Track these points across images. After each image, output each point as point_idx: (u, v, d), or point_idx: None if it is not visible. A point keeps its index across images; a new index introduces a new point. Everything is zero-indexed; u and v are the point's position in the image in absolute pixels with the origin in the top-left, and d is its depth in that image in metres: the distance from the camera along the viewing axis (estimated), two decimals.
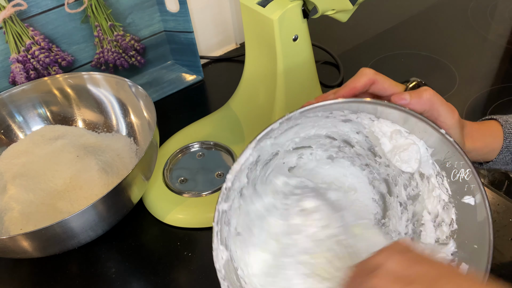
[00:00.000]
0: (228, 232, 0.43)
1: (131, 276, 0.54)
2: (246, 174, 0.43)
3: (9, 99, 0.65)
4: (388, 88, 0.41)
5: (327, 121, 0.46)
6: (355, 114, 0.43)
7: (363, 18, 0.89)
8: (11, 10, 0.64)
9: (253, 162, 0.43)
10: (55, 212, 0.57)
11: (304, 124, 0.45)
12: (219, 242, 0.39)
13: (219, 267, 0.38)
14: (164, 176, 0.62)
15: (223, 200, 0.39)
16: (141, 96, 0.61)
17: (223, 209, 0.39)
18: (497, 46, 0.84)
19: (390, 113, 0.41)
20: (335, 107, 0.41)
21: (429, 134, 0.41)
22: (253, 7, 0.57)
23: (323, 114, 0.44)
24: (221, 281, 0.38)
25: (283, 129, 0.43)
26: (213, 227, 0.38)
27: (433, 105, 0.39)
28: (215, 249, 0.39)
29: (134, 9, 0.74)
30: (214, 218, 0.38)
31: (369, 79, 0.40)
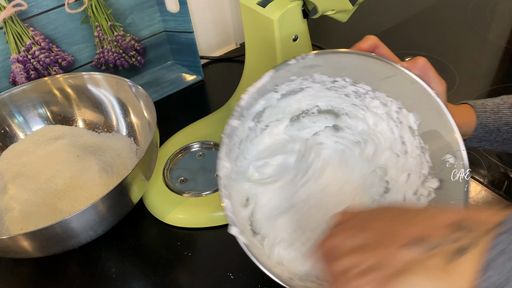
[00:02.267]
0: (239, 149, 0.47)
1: (131, 276, 0.54)
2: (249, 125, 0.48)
3: (10, 99, 0.65)
4: (388, 55, 0.46)
5: (327, 94, 0.50)
6: (355, 85, 0.47)
7: (363, 18, 0.89)
8: (11, 10, 0.64)
9: (258, 113, 0.48)
10: (55, 212, 0.57)
11: (307, 91, 0.49)
12: (225, 153, 0.43)
13: (221, 175, 0.42)
14: (164, 176, 0.62)
15: (235, 117, 0.43)
16: (141, 96, 0.61)
17: (233, 125, 0.43)
18: (497, 46, 0.84)
19: (389, 80, 0.45)
20: (344, 62, 0.45)
21: (421, 104, 0.44)
22: (253, 7, 0.57)
23: (327, 80, 0.47)
24: (221, 188, 0.41)
25: (290, 88, 0.48)
26: (222, 138, 0.43)
27: (426, 71, 0.44)
28: (220, 158, 0.42)
29: (134, 9, 0.74)
30: (224, 131, 0.43)
31: (373, 43, 0.46)
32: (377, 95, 0.47)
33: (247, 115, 0.46)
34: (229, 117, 0.43)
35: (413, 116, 0.46)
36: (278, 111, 0.50)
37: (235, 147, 0.47)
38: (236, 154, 0.48)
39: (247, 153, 0.50)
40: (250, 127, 0.49)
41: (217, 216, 0.58)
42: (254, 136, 0.50)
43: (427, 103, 0.43)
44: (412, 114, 0.46)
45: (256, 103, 0.47)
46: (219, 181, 0.42)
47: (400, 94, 0.46)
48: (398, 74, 0.44)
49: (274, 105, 0.49)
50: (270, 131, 0.52)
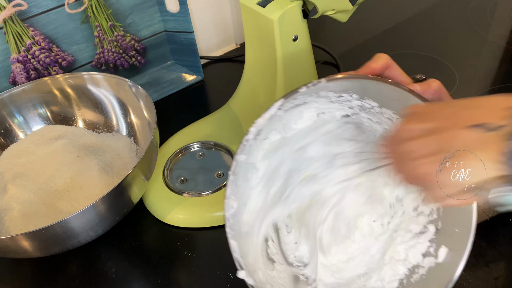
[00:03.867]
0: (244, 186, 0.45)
1: (131, 276, 0.54)
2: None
3: (10, 99, 0.65)
4: (399, 76, 0.44)
5: (330, 106, 0.47)
6: (360, 101, 0.45)
7: (363, 18, 0.89)
8: (11, 10, 0.64)
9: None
10: (55, 212, 0.57)
11: (310, 104, 0.47)
12: (232, 191, 0.41)
13: (228, 216, 0.40)
14: (164, 176, 0.62)
15: (242, 152, 0.41)
16: (141, 96, 0.61)
17: (241, 161, 0.41)
18: (497, 46, 0.84)
19: (398, 102, 0.43)
20: (354, 84, 0.43)
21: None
22: (253, 7, 0.57)
23: (332, 96, 0.45)
24: (228, 229, 0.40)
25: (293, 104, 0.45)
26: (229, 175, 0.41)
27: (440, 95, 0.43)
28: (227, 197, 0.40)
29: (134, 9, 0.74)
30: (231, 168, 0.41)
31: (386, 63, 0.44)
32: (383, 111, 0.45)
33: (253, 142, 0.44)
34: (236, 153, 0.41)
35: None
36: (278, 124, 0.48)
37: (240, 180, 0.45)
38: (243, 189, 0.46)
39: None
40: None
41: (217, 216, 0.58)
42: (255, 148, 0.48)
43: None
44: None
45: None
46: (226, 222, 0.40)
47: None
48: (410, 100, 0.41)
49: (278, 121, 0.47)
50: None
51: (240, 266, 0.39)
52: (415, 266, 0.45)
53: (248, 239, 0.45)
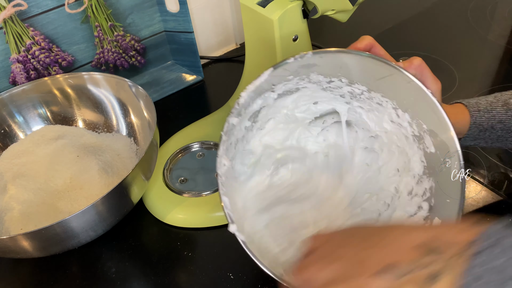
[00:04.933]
0: (235, 149, 0.47)
1: (131, 276, 0.54)
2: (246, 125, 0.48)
3: (10, 99, 0.65)
4: (384, 55, 0.47)
5: (323, 95, 0.50)
6: (350, 86, 0.47)
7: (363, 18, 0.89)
8: (11, 10, 0.64)
9: (256, 112, 0.48)
10: (55, 212, 0.57)
11: (303, 91, 0.49)
12: (224, 151, 0.43)
13: (221, 173, 0.42)
14: (164, 176, 0.62)
15: (233, 115, 0.44)
16: (141, 96, 0.61)
17: (232, 122, 0.44)
18: (497, 46, 0.84)
19: (384, 80, 0.45)
20: (341, 61, 0.45)
21: (417, 102, 0.44)
22: (253, 7, 0.57)
23: (323, 81, 0.48)
24: (220, 185, 0.41)
25: (287, 88, 0.48)
26: (221, 136, 0.43)
27: (422, 71, 0.45)
28: (219, 155, 0.42)
29: (134, 9, 0.74)
30: (223, 128, 0.43)
31: (369, 43, 0.47)
32: (372, 95, 0.47)
33: (245, 114, 0.46)
34: (228, 115, 0.43)
35: (408, 115, 0.46)
36: (274, 110, 0.50)
37: (231, 146, 0.47)
38: (232, 154, 0.48)
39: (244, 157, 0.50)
40: (247, 127, 0.49)
41: (217, 216, 0.58)
42: (251, 136, 0.50)
43: (422, 102, 0.43)
44: (407, 113, 0.46)
45: (254, 102, 0.47)
46: (219, 179, 0.42)
47: (396, 94, 0.46)
48: (394, 74, 0.44)
49: (271, 105, 0.49)
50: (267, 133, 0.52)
51: (231, 220, 0.40)
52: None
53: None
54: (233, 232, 0.40)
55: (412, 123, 0.46)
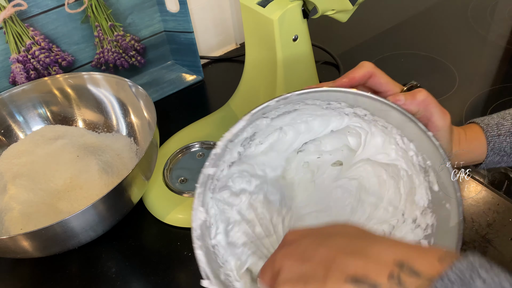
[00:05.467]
0: (212, 197, 0.45)
1: (131, 276, 0.54)
2: (238, 150, 0.45)
3: (9, 99, 0.65)
4: (385, 84, 0.42)
5: (324, 112, 0.46)
6: (352, 108, 0.44)
7: (363, 18, 0.89)
8: (11, 10, 0.64)
9: (248, 138, 0.45)
10: (55, 212, 0.57)
11: (302, 111, 0.46)
12: (199, 203, 0.41)
13: (196, 226, 0.40)
14: (164, 176, 0.62)
15: (210, 165, 0.41)
16: (141, 96, 0.61)
17: (208, 173, 0.42)
18: (497, 46, 0.84)
19: (386, 113, 0.41)
20: (333, 96, 0.42)
21: (420, 139, 0.41)
22: (253, 7, 0.57)
23: (321, 104, 0.44)
24: (195, 239, 0.40)
25: (280, 112, 0.45)
26: (196, 188, 0.41)
27: (427, 106, 0.40)
28: (194, 209, 0.41)
29: (134, 9, 0.74)
30: (198, 180, 0.41)
31: (368, 71, 0.42)
32: (376, 118, 0.44)
33: (232, 145, 0.44)
34: (203, 166, 0.41)
35: (413, 145, 0.43)
36: (271, 129, 0.47)
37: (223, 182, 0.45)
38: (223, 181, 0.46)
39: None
40: (241, 152, 0.46)
41: None
42: (250, 152, 0.48)
43: (425, 140, 0.40)
44: (412, 144, 0.43)
45: (243, 131, 0.44)
46: (193, 232, 0.40)
47: (399, 125, 0.43)
48: (393, 111, 0.40)
49: (265, 128, 0.46)
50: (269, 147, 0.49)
51: (206, 276, 0.39)
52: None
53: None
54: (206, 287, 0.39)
55: (417, 153, 0.43)
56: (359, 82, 0.42)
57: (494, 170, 0.62)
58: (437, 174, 0.41)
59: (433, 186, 0.42)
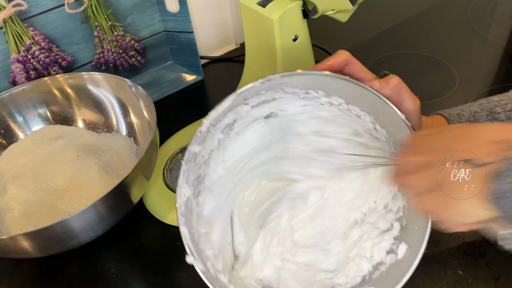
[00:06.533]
0: (197, 178, 0.46)
1: (131, 276, 0.54)
2: (218, 137, 0.47)
3: (9, 99, 0.65)
4: (360, 71, 0.45)
5: (301, 102, 0.48)
6: (328, 97, 0.46)
7: (363, 18, 0.89)
8: (11, 10, 0.64)
9: (228, 125, 0.47)
10: (55, 212, 0.57)
11: (280, 101, 0.48)
12: (184, 180, 0.42)
13: (180, 203, 0.41)
14: (164, 176, 0.62)
15: (195, 143, 0.43)
16: (141, 96, 0.61)
17: (194, 151, 0.43)
18: (497, 46, 0.84)
19: (361, 98, 0.44)
20: (313, 81, 0.44)
21: (392, 123, 0.43)
22: (253, 7, 0.57)
23: (299, 92, 0.46)
24: (179, 215, 0.41)
25: (261, 100, 0.46)
26: (182, 165, 0.42)
27: (399, 91, 0.43)
28: (179, 186, 0.42)
29: (134, 9, 0.74)
30: (184, 157, 0.42)
31: (345, 59, 0.45)
32: (351, 108, 0.46)
33: (214, 130, 0.45)
34: (189, 143, 0.42)
35: (385, 132, 0.45)
36: (250, 119, 0.49)
37: (199, 165, 0.46)
38: (203, 170, 0.47)
39: (221, 158, 0.50)
40: (221, 139, 0.47)
41: None
42: (228, 142, 0.49)
43: (398, 124, 0.43)
44: (384, 130, 0.45)
45: (225, 117, 0.45)
46: (178, 209, 0.41)
47: (373, 111, 0.45)
48: (367, 95, 0.42)
49: (245, 116, 0.48)
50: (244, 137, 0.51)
51: (191, 251, 0.40)
52: (378, 263, 0.45)
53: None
54: (190, 263, 0.40)
55: (389, 139, 0.45)
56: (337, 69, 0.45)
57: None
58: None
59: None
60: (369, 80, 0.43)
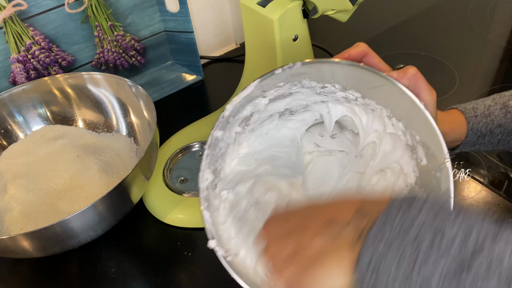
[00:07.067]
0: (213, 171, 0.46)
1: (131, 276, 0.54)
2: (236, 130, 0.47)
3: (9, 99, 0.65)
4: (378, 63, 0.45)
5: (317, 98, 0.49)
6: (344, 92, 0.47)
7: (363, 18, 0.89)
8: (11, 10, 0.64)
9: (246, 118, 0.47)
10: (55, 212, 0.57)
11: (296, 96, 0.48)
12: (207, 165, 0.42)
13: (203, 187, 0.41)
14: (164, 176, 0.62)
15: (218, 128, 0.43)
16: (141, 96, 0.61)
17: (216, 136, 0.43)
18: (497, 46, 0.84)
19: (378, 89, 0.44)
20: (331, 71, 0.45)
21: (410, 113, 0.43)
22: (253, 7, 0.57)
23: (316, 86, 0.47)
24: (202, 200, 0.41)
25: (278, 94, 0.47)
26: (205, 150, 0.42)
27: (417, 81, 0.43)
28: (202, 170, 0.42)
29: (134, 9, 0.74)
30: (207, 142, 0.42)
31: (363, 50, 0.45)
32: (367, 102, 0.47)
33: (233, 121, 0.46)
34: (212, 128, 0.43)
35: (402, 124, 0.45)
36: (266, 115, 0.50)
37: (216, 157, 0.46)
38: (220, 162, 0.47)
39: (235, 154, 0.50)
40: (238, 132, 0.48)
41: None
42: (243, 137, 0.50)
43: (415, 114, 0.43)
44: (401, 122, 0.45)
45: (243, 109, 0.46)
46: (200, 193, 0.41)
47: (390, 103, 0.45)
48: (386, 85, 0.43)
49: (262, 110, 0.49)
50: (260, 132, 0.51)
51: (212, 236, 0.40)
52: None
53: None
54: (212, 248, 0.40)
55: (406, 132, 0.45)
56: (355, 60, 0.45)
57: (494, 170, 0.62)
58: (425, 146, 0.43)
59: (422, 161, 0.44)
60: (387, 71, 0.43)
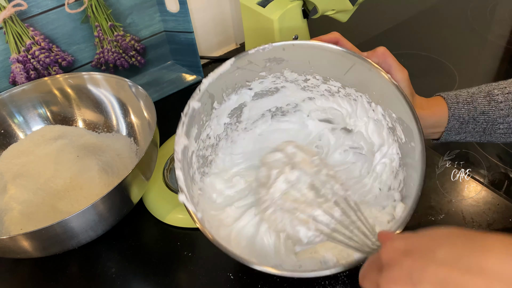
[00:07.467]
0: (202, 157, 0.50)
1: (131, 276, 0.54)
2: (225, 121, 0.50)
3: (9, 99, 0.65)
4: (350, 48, 0.47)
5: (303, 95, 0.51)
6: (326, 83, 0.49)
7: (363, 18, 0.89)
8: (11, 10, 0.64)
9: (235, 109, 0.50)
10: (55, 212, 0.57)
11: (282, 92, 0.51)
12: (183, 131, 0.45)
13: (178, 150, 0.44)
14: (164, 176, 0.62)
15: (195, 99, 0.46)
16: (141, 96, 0.61)
17: (193, 106, 0.46)
18: (497, 46, 0.84)
19: (352, 76, 0.46)
20: (310, 54, 0.47)
21: (384, 91, 0.45)
22: (253, 7, 0.57)
23: (298, 79, 0.49)
24: (176, 161, 0.44)
25: (264, 87, 0.50)
26: (181, 117, 0.45)
27: (386, 58, 0.46)
28: (178, 135, 0.45)
29: (134, 9, 0.74)
30: (184, 110, 0.46)
31: (335, 37, 0.48)
32: (348, 91, 0.49)
33: (221, 111, 0.47)
34: (190, 98, 0.46)
35: (380, 107, 0.47)
36: (258, 113, 0.50)
37: (200, 134, 0.49)
38: (201, 145, 0.49)
39: (231, 151, 0.52)
40: (227, 123, 0.49)
41: None
42: (236, 135, 0.52)
43: (387, 90, 0.45)
44: (379, 106, 0.47)
45: (229, 98, 0.48)
46: (175, 155, 0.44)
47: (366, 87, 0.47)
48: (356, 63, 0.45)
49: (251, 106, 0.49)
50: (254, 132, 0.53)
51: (181, 190, 0.42)
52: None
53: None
54: (182, 202, 0.42)
55: (385, 115, 0.47)
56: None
57: (494, 170, 0.62)
58: (401, 120, 0.45)
59: (401, 138, 0.46)
60: (357, 52, 0.46)
